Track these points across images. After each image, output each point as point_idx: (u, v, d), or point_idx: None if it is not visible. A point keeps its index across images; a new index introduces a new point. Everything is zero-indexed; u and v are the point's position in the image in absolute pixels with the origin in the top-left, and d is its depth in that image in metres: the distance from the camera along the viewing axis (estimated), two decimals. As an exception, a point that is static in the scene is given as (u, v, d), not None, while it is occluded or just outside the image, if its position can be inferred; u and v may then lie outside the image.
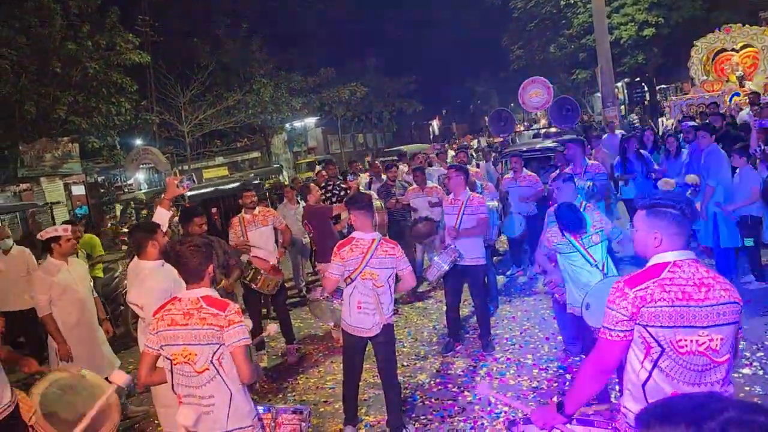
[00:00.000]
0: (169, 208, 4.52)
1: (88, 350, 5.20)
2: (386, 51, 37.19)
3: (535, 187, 8.11)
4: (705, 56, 15.92)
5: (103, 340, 5.47)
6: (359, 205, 4.31)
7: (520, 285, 8.09)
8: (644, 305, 2.22)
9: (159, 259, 4.01)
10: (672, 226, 2.31)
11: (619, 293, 2.29)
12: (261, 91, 24.09)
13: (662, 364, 2.25)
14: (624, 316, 2.25)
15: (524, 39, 30.24)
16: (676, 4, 24.89)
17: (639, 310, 2.23)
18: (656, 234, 2.33)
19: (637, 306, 2.23)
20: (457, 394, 5.08)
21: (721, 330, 2.23)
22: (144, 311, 3.82)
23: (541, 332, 6.22)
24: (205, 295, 3.00)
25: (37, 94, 16.15)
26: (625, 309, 2.25)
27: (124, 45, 17.60)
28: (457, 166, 6.46)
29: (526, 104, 14.96)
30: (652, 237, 2.34)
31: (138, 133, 23.41)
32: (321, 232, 6.82)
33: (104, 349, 5.46)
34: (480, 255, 5.89)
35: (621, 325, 2.27)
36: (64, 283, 5.09)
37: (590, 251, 4.24)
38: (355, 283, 4.25)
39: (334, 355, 6.32)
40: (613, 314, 2.29)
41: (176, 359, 2.96)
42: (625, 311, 2.25)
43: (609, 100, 17.91)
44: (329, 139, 38.21)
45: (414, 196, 8.19)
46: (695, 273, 2.26)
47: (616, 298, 2.29)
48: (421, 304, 7.79)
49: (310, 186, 7.38)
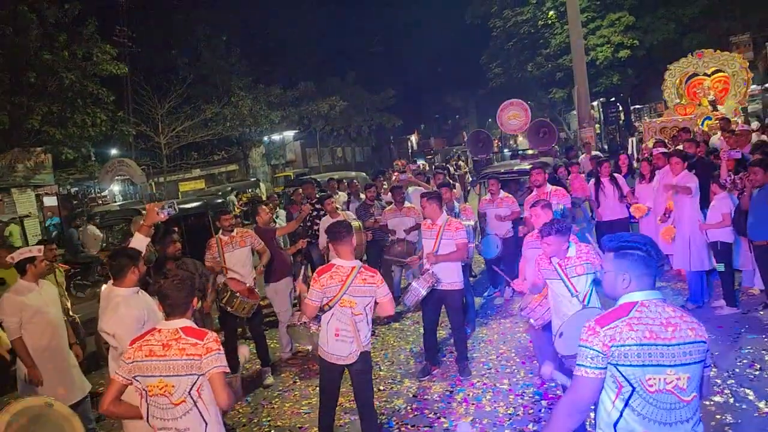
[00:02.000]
0: (148, 234, 4.46)
1: (59, 374, 5.06)
2: (366, 65, 37.36)
3: (512, 208, 8.20)
4: (678, 80, 16.25)
5: (73, 363, 5.33)
6: (339, 234, 4.30)
7: (497, 307, 8.14)
8: (613, 343, 2.28)
9: (135, 286, 3.96)
10: (639, 267, 2.40)
11: (591, 331, 2.35)
12: (239, 104, 23.96)
13: (633, 403, 2.31)
14: (598, 353, 2.30)
15: (503, 57, 30.63)
16: (651, 27, 25.50)
17: (609, 348, 2.29)
18: (625, 275, 2.42)
19: (606, 344, 2.29)
20: (433, 420, 5.07)
21: (688, 369, 2.30)
22: (116, 339, 3.75)
23: (517, 356, 6.25)
24: (184, 326, 2.99)
25: (10, 104, 15.85)
26: (597, 346, 2.30)
27: (101, 56, 17.37)
28: (429, 193, 6.48)
29: (504, 126, 15.12)
30: (621, 278, 2.43)
31: (113, 144, 23.10)
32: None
33: (74, 372, 5.32)
34: (458, 279, 5.90)
35: (596, 362, 2.31)
36: (35, 306, 4.92)
37: (573, 281, 4.26)
38: (333, 310, 4.23)
39: (309, 379, 6.27)
40: (588, 351, 2.33)
41: (152, 391, 2.94)
42: (598, 347, 2.30)
43: (585, 121, 18.21)
44: (308, 152, 38.12)
45: (391, 216, 8.21)
46: (662, 312, 2.34)
47: (589, 336, 2.34)
48: (398, 326, 7.78)
49: (258, 209, 7.43)
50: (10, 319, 4.86)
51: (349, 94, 32.78)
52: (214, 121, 23.42)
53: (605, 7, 26.23)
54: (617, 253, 2.45)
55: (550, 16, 27.66)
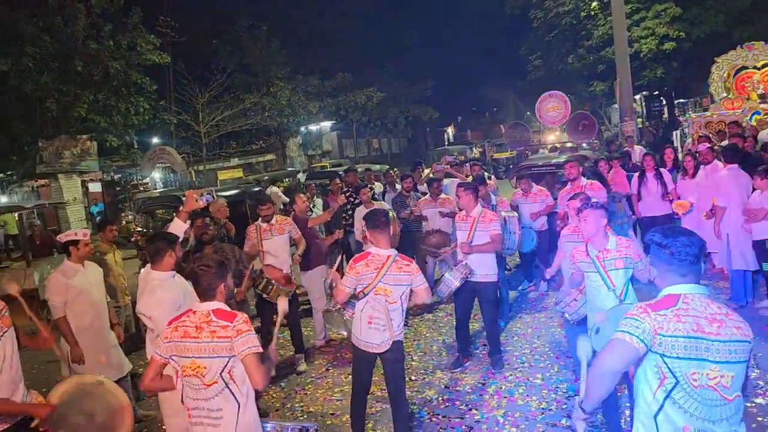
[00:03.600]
0: (186, 220, 4.55)
1: (100, 354, 5.24)
2: (404, 57, 37.25)
3: (546, 201, 8.11)
4: (726, 73, 15.74)
5: (114, 343, 5.52)
6: (376, 222, 4.32)
7: (531, 301, 8.06)
8: (660, 331, 2.24)
9: (172, 270, 4.05)
10: (663, 263, 2.40)
11: (642, 311, 2.32)
12: (278, 94, 24.25)
13: (675, 395, 2.27)
14: (647, 328, 2.26)
15: (543, 49, 30.10)
16: (699, 19, 24.70)
17: (656, 334, 2.25)
18: (664, 267, 2.41)
19: (655, 329, 2.25)
20: (464, 412, 5.06)
21: (733, 367, 2.26)
22: (153, 322, 3.84)
23: (551, 351, 6.18)
24: (216, 308, 3.05)
25: (58, 92, 16.35)
26: (648, 323, 2.27)
27: (145, 45, 17.80)
28: (465, 184, 6.42)
29: (543, 118, 14.91)
30: (661, 270, 2.43)
31: (155, 133, 23.64)
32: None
33: (113, 352, 5.51)
34: (492, 272, 5.85)
35: (641, 334, 2.26)
36: (79, 287, 5.11)
37: (610, 274, 4.18)
38: (368, 297, 4.25)
39: (342, 367, 6.32)
40: (636, 322, 2.29)
41: (185, 371, 3.00)
42: (648, 324, 2.27)
43: (627, 114, 17.79)
44: (344, 143, 38.29)
45: (427, 206, 8.19)
46: (707, 307, 2.31)
47: (641, 314, 2.31)
48: (431, 317, 7.78)
49: (296, 197, 7.55)
50: (55, 299, 5.04)
51: (387, 85, 32.77)
52: (253, 111, 23.75)
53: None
54: (657, 245, 2.42)
55: (592, 7, 27.04)
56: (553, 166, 9.68)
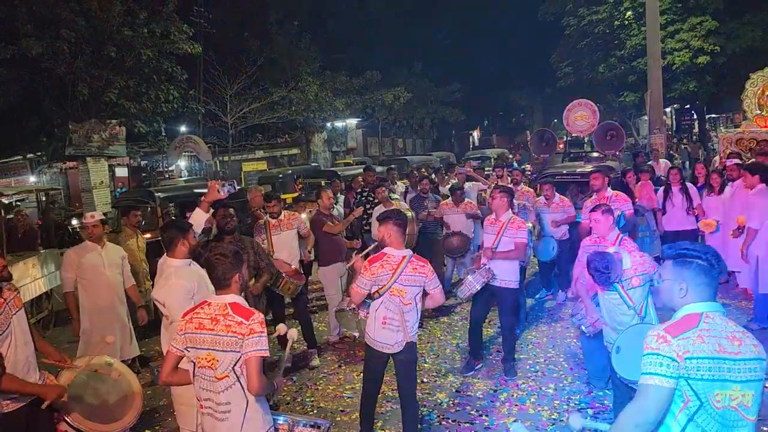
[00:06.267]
0: (207, 210, 4.60)
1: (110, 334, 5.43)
2: (433, 58, 37.15)
3: (568, 212, 8.03)
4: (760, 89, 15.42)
5: (124, 324, 5.75)
6: (393, 221, 4.31)
7: (548, 310, 8.00)
8: (687, 355, 2.16)
9: (187, 258, 4.09)
10: (699, 276, 2.29)
11: (661, 340, 2.21)
12: (306, 89, 24.36)
13: (698, 418, 2.19)
14: (672, 360, 2.16)
15: (574, 57, 29.76)
16: (735, 33, 24.23)
17: (683, 360, 2.16)
18: (683, 285, 2.31)
19: (681, 355, 2.16)
20: (474, 417, 5.04)
21: (753, 386, 2.21)
22: (166, 308, 3.89)
23: (565, 362, 6.13)
24: (233, 302, 3.05)
25: (91, 76, 16.60)
26: (671, 354, 2.17)
27: (178, 34, 17.97)
28: (502, 187, 6.38)
29: (570, 126, 14.74)
30: (678, 287, 2.33)
31: (183, 121, 23.90)
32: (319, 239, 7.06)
33: (125, 333, 5.71)
34: (513, 279, 5.82)
35: (671, 370, 2.15)
36: (91, 265, 5.55)
37: (629, 293, 4.13)
38: (383, 298, 4.25)
39: (354, 364, 6.34)
40: (660, 359, 2.17)
41: (200, 363, 3.01)
42: (672, 356, 2.16)
43: (656, 127, 17.53)
44: (369, 141, 38.29)
45: (448, 211, 8.18)
46: (726, 326, 2.25)
47: (660, 344, 2.20)
48: (446, 320, 7.76)
49: (321, 192, 7.19)
50: (65, 274, 5.57)
51: (414, 86, 32.69)
52: (280, 105, 23.88)
53: (687, 11, 25.06)
54: (677, 261, 2.35)
55: (627, 16, 26.65)
56: (578, 175, 9.57)
